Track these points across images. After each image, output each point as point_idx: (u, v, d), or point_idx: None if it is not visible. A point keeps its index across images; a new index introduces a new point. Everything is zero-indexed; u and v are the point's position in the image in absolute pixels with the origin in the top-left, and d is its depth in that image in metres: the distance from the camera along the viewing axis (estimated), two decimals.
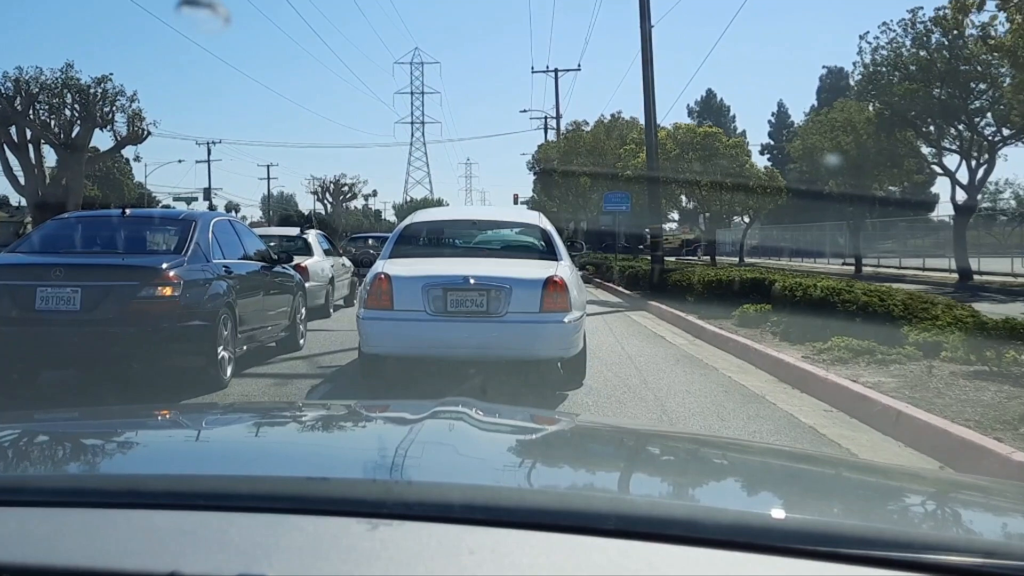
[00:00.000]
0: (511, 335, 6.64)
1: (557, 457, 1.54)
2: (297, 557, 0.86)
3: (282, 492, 1.02)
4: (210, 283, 7.09)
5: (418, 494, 1.01)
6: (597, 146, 37.64)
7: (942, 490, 1.41)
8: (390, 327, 6.76)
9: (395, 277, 6.82)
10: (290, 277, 9.59)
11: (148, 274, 6.54)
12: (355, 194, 77.18)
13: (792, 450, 2.85)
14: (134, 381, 6.58)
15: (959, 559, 0.89)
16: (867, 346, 7.75)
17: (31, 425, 1.75)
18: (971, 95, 25.09)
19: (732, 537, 0.90)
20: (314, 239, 14.71)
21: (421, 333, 6.67)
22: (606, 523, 0.92)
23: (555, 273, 6.88)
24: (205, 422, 1.85)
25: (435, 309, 6.64)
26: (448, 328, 6.65)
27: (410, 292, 6.71)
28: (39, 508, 0.99)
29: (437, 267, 7.03)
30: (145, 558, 0.86)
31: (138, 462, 1.42)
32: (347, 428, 1.81)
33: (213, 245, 7.47)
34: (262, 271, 8.58)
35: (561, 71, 48.67)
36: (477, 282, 6.68)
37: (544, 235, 7.97)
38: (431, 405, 1.58)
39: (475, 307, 6.66)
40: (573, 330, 6.81)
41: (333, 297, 14.58)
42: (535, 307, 6.65)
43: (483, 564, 0.85)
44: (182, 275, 6.65)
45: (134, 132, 30.96)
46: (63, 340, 6.36)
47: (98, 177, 51.07)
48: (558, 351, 6.88)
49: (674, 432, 3.09)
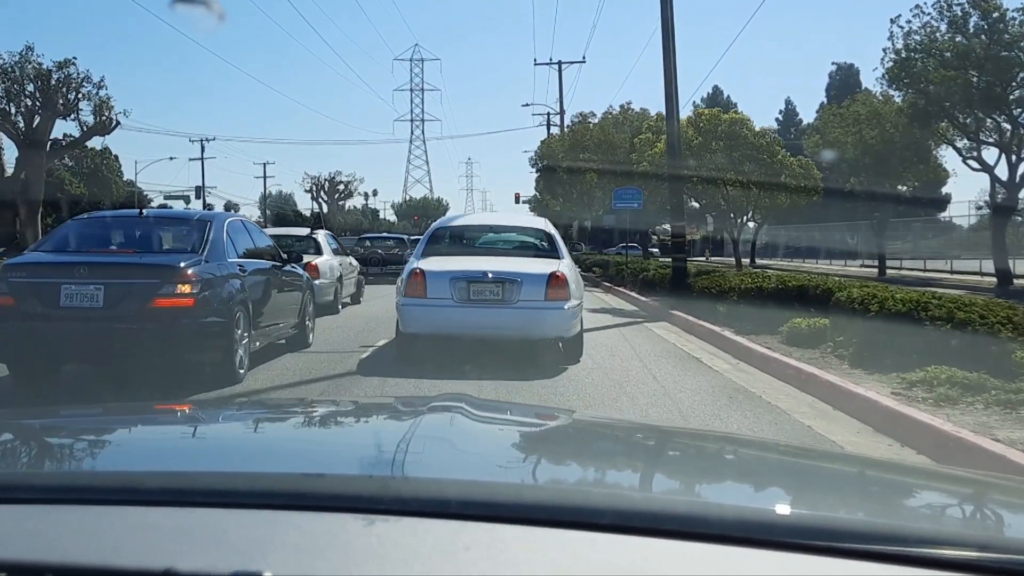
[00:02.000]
0: (521, 319, 8.35)
1: (554, 452, 1.55)
2: (294, 553, 0.86)
3: (279, 488, 1.03)
4: (226, 281, 7.27)
5: (414, 490, 1.01)
6: (606, 139, 33.87)
7: (938, 484, 1.42)
8: (424, 312, 8.41)
9: (428, 272, 8.49)
10: (299, 276, 9.76)
11: (168, 272, 6.77)
12: (351, 192, 76.06)
13: (788, 445, 2.87)
14: (152, 376, 6.67)
15: (954, 553, 0.90)
16: (976, 379, 6.06)
17: (27, 422, 1.76)
18: (1012, 83, 23.13)
19: (729, 532, 0.90)
20: (323, 239, 15.29)
21: (449, 317, 8.33)
22: (603, 518, 0.92)
23: (557, 269, 8.60)
24: (201, 419, 1.84)
25: (460, 297, 8.32)
26: (470, 313, 8.30)
27: (440, 284, 8.37)
28: (35, 505, 0.98)
29: (461, 264, 8.67)
30: (141, 555, 0.86)
31: (135, 459, 1.41)
32: (344, 424, 1.81)
33: (228, 244, 7.67)
34: (273, 270, 8.75)
35: (565, 64, 46.15)
36: (494, 276, 8.38)
37: (548, 238, 9.71)
38: (428, 401, 1.68)
39: (492, 296, 8.36)
40: (572, 315, 8.48)
41: (341, 295, 14.98)
42: (541, 296, 8.34)
43: (480, 560, 0.85)
44: (200, 273, 6.87)
45: (101, 122, 28.69)
46: (86, 336, 6.57)
47: (85, 174, 49.23)
48: (560, 332, 8.56)
49: (671, 427, 3.16)
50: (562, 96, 46.85)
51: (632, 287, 19.56)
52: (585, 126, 37.34)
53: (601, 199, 35.15)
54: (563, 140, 38.17)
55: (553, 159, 36.45)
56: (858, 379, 6.88)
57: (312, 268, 12.68)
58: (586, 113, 39.79)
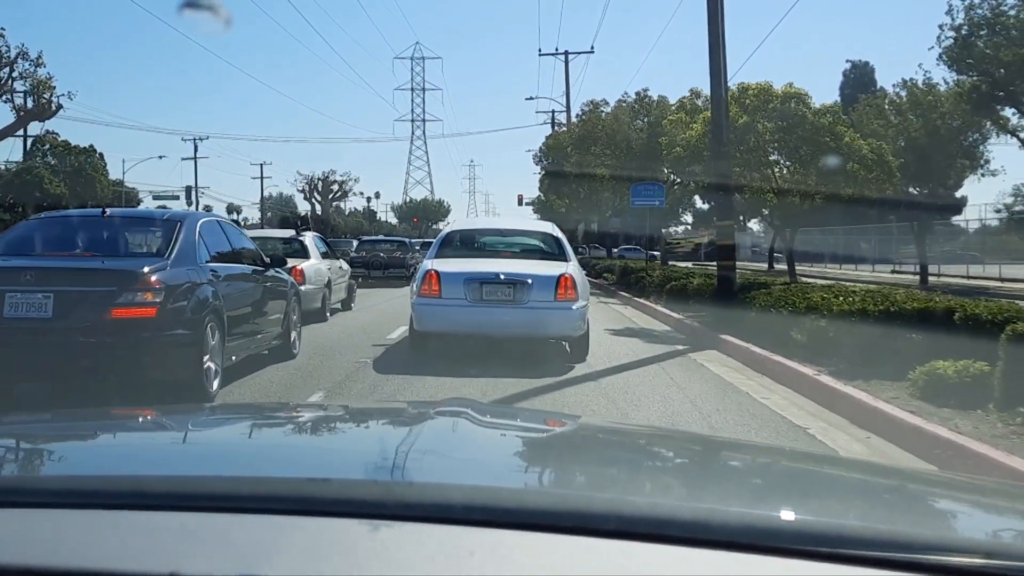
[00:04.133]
0: (531, 318, 9.14)
1: (558, 458, 1.61)
2: (298, 558, 0.91)
3: (283, 493, 1.08)
4: (196, 288, 6.99)
5: (419, 495, 1.07)
6: (620, 129, 30.07)
7: (942, 491, 1.47)
8: (438, 311, 9.21)
9: (442, 272, 9.30)
10: (283, 281, 9.60)
11: (127, 279, 6.41)
12: (345, 192, 76.07)
13: (792, 450, 2.97)
14: (112, 393, 6.47)
15: (960, 560, 0.94)
16: None
17: (32, 426, 1.84)
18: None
19: (733, 538, 0.94)
20: (311, 241, 15.15)
21: (462, 316, 9.11)
22: (607, 524, 0.97)
23: (566, 271, 9.42)
24: (206, 423, 1.92)
25: (473, 297, 9.09)
26: (483, 312, 9.07)
27: (454, 284, 9.17)
28: (40, 509, 1.04)
29: (474, 265, 9.52)
30: (145, 559, 0.90)
31: (139, 463, 1.46)
32: (348, 429, 1.88)
33: (200, 247, 7.39)
34: (253, 275, 8.56)
35: (572, 54, 45.56)
36: (506, 277, 9.12)
37: (556, 241, 10.63)
38: (432, 406, 1.82)
39: (504, 296, 9.11)
40: (579, 315, 9.30)
41: (330, 301, 14.86)
42: (551, 297, 9.12)
43: (484, 565, 0.90)
44: (164, 280, 6.55)
45: (40, 105, 25.84)
46: (33, 350, 6.25)
47: (68, 173, 48.87)
48: (568, 331, 9.44)
49: (675, 433, 3.23)
50: (568, 89, 45.52)
51: (658, 299, 17.30)
52: (596, 115, 33.38)
53: (610, 199, 33.59)
54: (571, 133, 35.66)
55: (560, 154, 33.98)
56: None
57: (298, 273, 12.66)
58: (597, 101, 35.05)
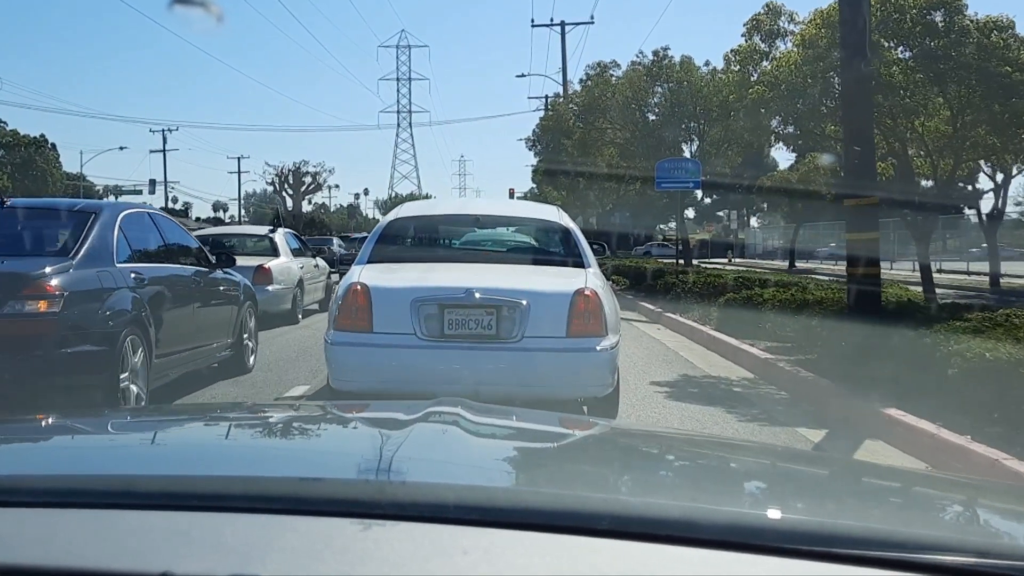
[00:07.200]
0: (529, 367, 5.82)
1: (551, 457, 1.70)
2: (291, 558, 0.97)
3: (276, 492, 1.15)
4: (110, 294, 6.45)
5: (412, 494, 1.13)
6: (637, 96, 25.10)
7: (935, 490, 1.58)
8: (368, 355, 5.94)
9: (375, 289, 6.02)
10: (233, 284, 9.20)
11: (14, 283, 5.86)
12: (319, 184, 75.88)
13: (786, 450, 3.08)
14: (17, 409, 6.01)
15: (953, 559, 1.01)
16: None
17: (23, 425, 1.93)
18: None
19: (727, 537, 1.02)
20: (281, 238, 15.14)
21: (409, 363, 5.87)
22: (600, 523, 1.04)
23: (585, 285, 6.08)
24: (199, 422, 2.02)
25: (428, 332, 5.87)
26: (445, 357, 5.87)
27: (395, 309, 5.92)
28: (32, 508, 1.12)
29: (431, 276, 6.27)
30: (137, 559, 0.97)
31: (131, 462, 1.55)
32: (341, 429, 1.97)
33: (120, 245, 6.88)
34: (193, 277, 8.13)
35: (569, 25, 43.48)
36: (484, 296, 5.87)
37: (565, 235, 7.10)
38: (425, 405, 1.75)
39: (481, 329, 5.87)
40: (608, 360, 5.97)
41: (303, 301, 14.91)
42: (561, 330, 5.85)
43: (477, 565, 0.96)
44: (65, 285, 5.98)
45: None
46: None
47: (16, 166, 48.47)
48: (589, 389, 6.03)
49: (668, 432, 3.33)
50: (565, 65, 42.55)
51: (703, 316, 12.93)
52: (606, 79, 28.50)
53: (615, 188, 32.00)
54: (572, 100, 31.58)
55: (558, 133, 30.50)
56: None
57: (264, 272, 12.71)
58: (606, 63, 29.75)
